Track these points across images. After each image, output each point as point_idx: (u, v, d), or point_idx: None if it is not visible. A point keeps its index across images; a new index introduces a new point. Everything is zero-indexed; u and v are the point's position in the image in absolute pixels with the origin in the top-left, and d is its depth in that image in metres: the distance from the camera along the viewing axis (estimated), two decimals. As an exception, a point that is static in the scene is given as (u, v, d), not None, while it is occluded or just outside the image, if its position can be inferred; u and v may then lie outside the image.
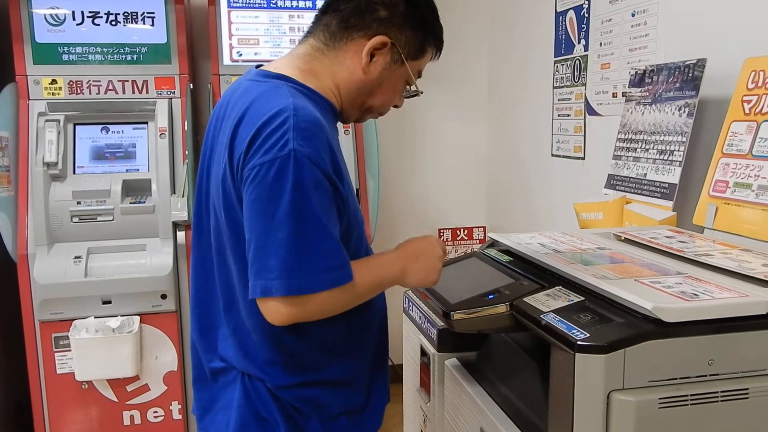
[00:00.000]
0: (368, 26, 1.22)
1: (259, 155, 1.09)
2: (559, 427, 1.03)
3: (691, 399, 0.98)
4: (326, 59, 1.25)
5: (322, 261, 1.10)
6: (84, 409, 2.55)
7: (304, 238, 1.08)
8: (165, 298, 2.54)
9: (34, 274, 2.45)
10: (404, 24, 1.24)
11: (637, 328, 0.98)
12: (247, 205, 1.11)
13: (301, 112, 1.12)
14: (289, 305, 1.09)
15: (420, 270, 1.26)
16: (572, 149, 2.64)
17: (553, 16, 2.73)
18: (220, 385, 1.31)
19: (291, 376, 1.24)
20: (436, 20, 1.31)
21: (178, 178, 2.63)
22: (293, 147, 1.07)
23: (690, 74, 1.76)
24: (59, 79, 2.61)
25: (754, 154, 1.51)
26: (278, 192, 1.07)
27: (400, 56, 1.25)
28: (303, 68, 1.25)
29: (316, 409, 1.27)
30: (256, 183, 1.09)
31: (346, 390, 1.31)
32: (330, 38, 1.25)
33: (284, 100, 1.13)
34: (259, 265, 1.09)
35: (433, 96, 3.54)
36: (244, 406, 1.25)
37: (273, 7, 2.81)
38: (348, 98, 1.28)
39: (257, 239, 1.09)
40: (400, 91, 1.33)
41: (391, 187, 3.48)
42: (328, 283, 1.10)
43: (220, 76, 2.76)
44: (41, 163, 2.51)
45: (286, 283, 1.07)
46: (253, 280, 1.10)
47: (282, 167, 1.07)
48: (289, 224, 1.07)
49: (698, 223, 1.62)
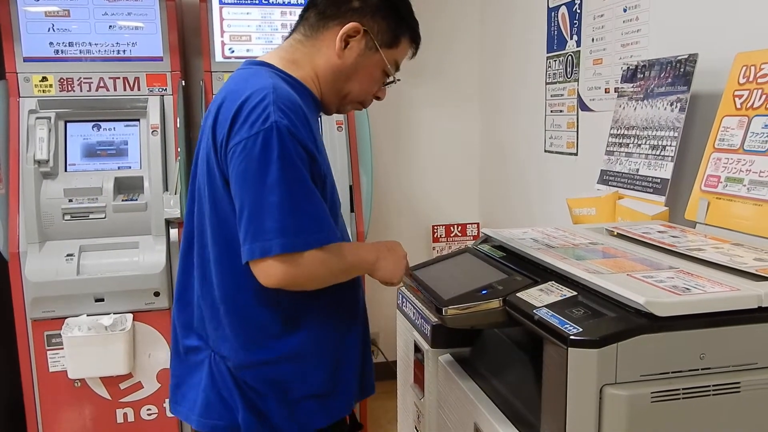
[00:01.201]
0: (343, 15, 1.32)
1: (244, 131, 1.17)
2: (552, 421, 1.03)
3: (683, 393, 0.98)
4: (306, 49, 1.35)
5: (312, 222, 1.19)
6: (77, 407, 2.54)
7: (295, 201, 1.17)
8: (158, 295, 2.54)
9: (26, 272, 2.44)
10: (376, 13, 1.33)
11: (629, 323, 0.98)
12: (237, 177, 1.19)
13: (280, 91, 1.21)
14: (284, 263, 1.17)
15: (389, 263, 1.36)
16: (565, 145, 2.65)
17: (546, 12, 2.73)
18: (191, 363, 1.39)
19: (253, 351, 1.29)
20: (409, 13, 1.39)
21: (170, 175, 2.62)
22: (275, 119, 1.16)
23: (681, 69, 1.76)
24: (50, 76, 2.59)
25: (746, 148, 1.51)
26: (266, 161, 1.15)
27: (374, 43, 1.34)
28: (285, 58, 1.35)
29: (277, 391, 1.31)
30: (244, 156, 1.17)
31: (308, 370, 1.33)
32: (309, 30, 1.36)
33: (263, 81, 1.23)
34: (255, 229, 1.16)
35: (426, 92, 3.55)
36: (209, 387, 1.33)
37: (265, 3, 2.79)
38: (326, 84, 1.36)
39: (251, 206, 1.17)
40: (377, 80, 1.40)
41: (384, 183, 3.48)
42: (318, 241, 1.19)
43: (212, 72, 2.75)
44: (32, 160, 2.50)
45: (283, 242, 1.15)
46: (250, 243, 1.17)
47: (267, 138, 1.15)
48: (280, 189, 1.15)
49: (690, 218, 1.62)
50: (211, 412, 1.33)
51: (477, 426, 1.30)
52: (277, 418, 1.31)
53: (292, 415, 1.32)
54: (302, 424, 1.33)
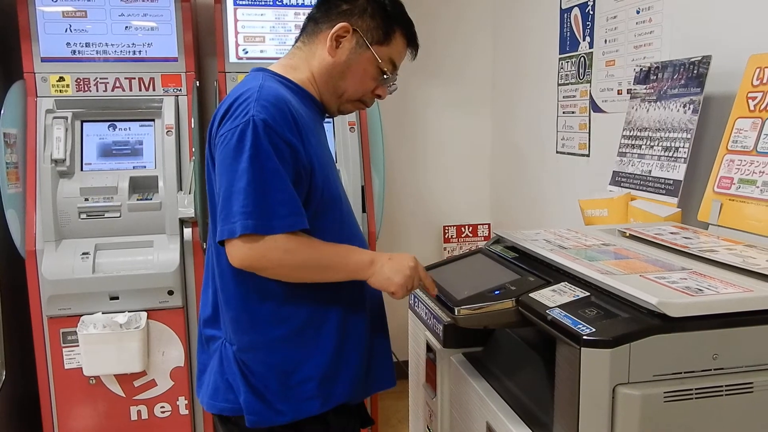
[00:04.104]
0: (333, 19, 1.41)
1: (227, 125, 1.28)
2: (565, 421, 1.04)
3: (695, 393, 0.99)
4: (303, 53, 1.46)
5: (279, 207, 1.24)
6: (91, 404, 2.57)
7: (261, 186, 1.23)
8: (172, 294, 2.56)
9: (42, 270, 2.47)
10: (364, 13, 1.41)
11: (642, 323, 0.99)
12: (217, 166, 1.30)
13: (266, 90, 1.30)
14: (248, 243, 1.23)
15: (388, 268, 1.34)
16: (577, 146, 2.65)
17: (558, 13, 2.73)
18: (211, 351, 1.46)
19: (250, 334, 1.35)
20: (399, 11, 1.46)
21: (184, 175, 2.64)
22: (252, 113, 1.25)
23: (695, 71, 1.77)
24: (67, 76, 2.62)
25: (759, 150, 1.52)
26: (239, 150, 1.24)
27: (364, 41, 1.41)
28: (286, 64, 1.46)
29: (277, 374, 1.35)
30: (223, 147, 1.27)
31: (307, 354, 1.36)
32: (306, 37, 1.47)
33: (255, 82, 1.33)
34: (225, 213, 1.25)
35: (438, 92, 3.55)
36: (217, 372, 1.41)
37: (279, 4, 2.81)
38: (322, 84, 1.44)
39: (224, 192, 1.26)
40: (373, 77, 1.45)
41: (395, 184, 3.49)
42: (283, 226, 1.24)
43: (226, 73, 2.77)
44: (49, 159, 2.53)
45: (245, 223, 1.22)
46: (221, 225, 1.25)
47: (243, 130, 1.25)
48: (248, 174, 1.23)
49: (703, 220, 1.62)
50: (218, 395, 1.39)
51: (489, 425, 1.31)
52: (276, 400, 1.35)
53: (292, 397, 1.35)
54: (301, 407, 1.36)
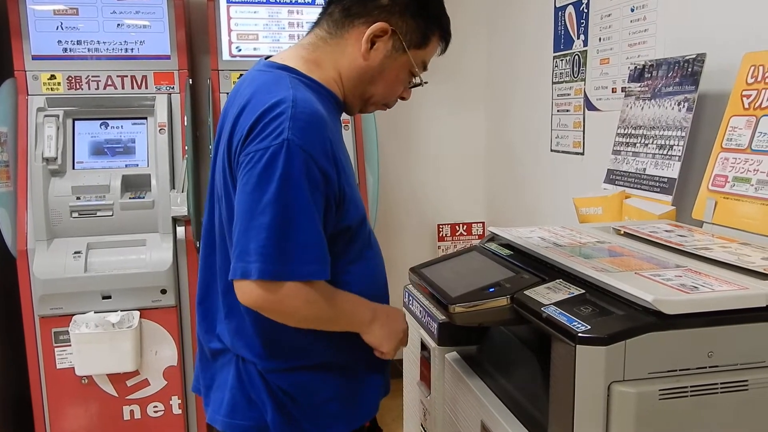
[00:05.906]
0: (369, 13, 1.24)
1: (255, 143, 1.12)
2: (559, 419, 1.03)
3: (691, 390, 0.98)
4: (329, 48, 1.28)
5: (300, 252, 1.12)
6: (84, 403, 2.56)
7: (286, 226, 1.10)
8: (165, 293, 2.54)
9: (34, 269, 2.45)
10: (405, 11, 1.25)
11: (637, 321, 0.99)
12: (239, 190, 1.14)
13: (300, 104, 1.14)
14: (261, 289, 1.12)
15: (384, 331, 1.30)
16: (571, 144, 2.65)
17: (553, 11, 2.73)
18: (218, 365, 1.35)
19: (280, 360, 1.27)
20: (441, 10, 1.31)
21: (177, 173, 2.63)
22: (287, 137, 1.10)
23: (689, 69, 1.76)
24: (58, 74, 2.61)
25: (753, 148, 1.51)
26: (267, 178, 1.10)
27: (402, 44, 1.26)
28: (307, 58, 1.28)
29: (305, 394, 1.29)
30: (249, 169, 1.12)
31: (336, 376, 1.32)
32: (333, 27, 1.27)
33: (285, 92, 1.16)
34: (241, 248, 1.12)
35: (432, 91, 3.53)
36: (236, 387, 1.29)
37: (272, 2, 2.80)
38: (350, 86, 1.30)
39: (242, 222, 1.12)
40: (403, 82, 1.34)
41: (390, 182, 3.49)
42: (302, 274, 1.12)
43: (219, 71, 2.76)
44: (40, 158, 2.51)
45: (262, 267, 1.10)
46: (234, 262, 1.13)
47: (274, 155, 1.09)
48: (272, 211, 1.09)
49: (697, 218, 1.62)
50: (236, 413, 1.30)
51: (484, 423, 1.30)
52: (304, 420, 1.29)
53: (318, 418, 1.30)
54: (326, 428, 1.31)
